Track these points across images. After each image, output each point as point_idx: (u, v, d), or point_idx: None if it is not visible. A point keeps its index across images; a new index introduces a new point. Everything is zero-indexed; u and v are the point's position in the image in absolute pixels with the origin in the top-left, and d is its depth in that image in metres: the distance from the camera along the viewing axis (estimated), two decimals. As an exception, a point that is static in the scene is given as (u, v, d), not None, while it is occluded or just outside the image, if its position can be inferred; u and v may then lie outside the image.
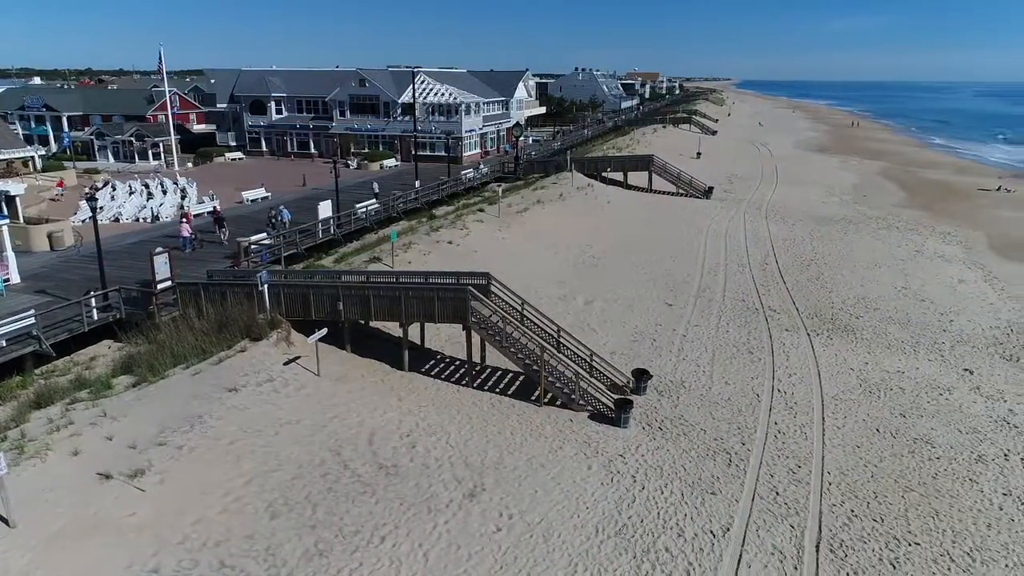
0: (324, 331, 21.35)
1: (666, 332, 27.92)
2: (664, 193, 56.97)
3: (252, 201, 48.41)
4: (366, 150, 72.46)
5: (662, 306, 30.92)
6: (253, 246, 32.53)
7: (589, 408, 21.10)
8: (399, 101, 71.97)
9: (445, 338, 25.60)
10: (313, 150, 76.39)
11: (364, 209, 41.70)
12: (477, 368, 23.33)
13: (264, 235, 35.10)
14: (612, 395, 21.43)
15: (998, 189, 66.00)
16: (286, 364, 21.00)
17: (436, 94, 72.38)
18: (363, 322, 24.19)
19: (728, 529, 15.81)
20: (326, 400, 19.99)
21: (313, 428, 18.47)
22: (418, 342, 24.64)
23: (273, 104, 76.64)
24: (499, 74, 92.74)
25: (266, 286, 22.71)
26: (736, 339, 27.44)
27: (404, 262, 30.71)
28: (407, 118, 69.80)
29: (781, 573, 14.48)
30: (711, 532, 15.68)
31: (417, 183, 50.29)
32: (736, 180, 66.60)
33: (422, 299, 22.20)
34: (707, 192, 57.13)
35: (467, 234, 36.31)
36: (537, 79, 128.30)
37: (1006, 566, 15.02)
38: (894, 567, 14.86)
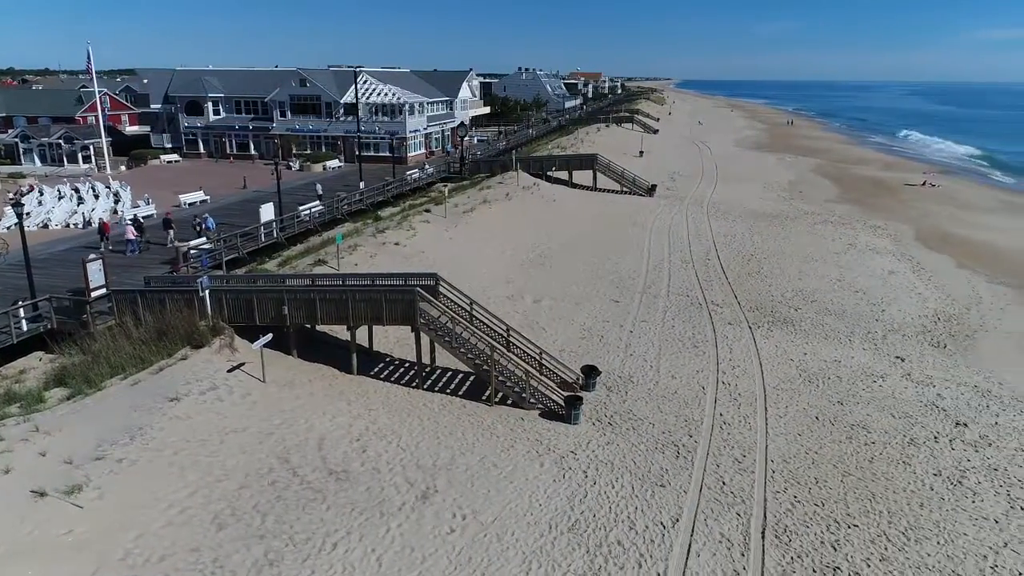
0: (269, 336, 20.92)
1: (614, 328, 28.31)
2: (609, 191, 57.72)
3: (190, 205, 47.03)
4: (308, 151, 71.23)
5: (609, 303, 31.34)
6: (192, 251, 31.63)
7: (540, 406, 21.25)
8: (342, 101, 70.97)
9: (394, 340, 25.40)
10: (253, 152, 74.67)
11: (308, 211, 41.01)
12: (427, 370, 23.23)
13: (204, 239, 34.17)
14: (562, 392, 21.65)
15: (923, 184, 69.07)
16: (230, 371, 20.50)
17: (379, 94, 71.68)
18: (309, 326, 23.79)
19: (678, 520, 16.15)
20: (273, 406, 19.60)
21: (260, 435, 18.10)
22: (366, 345, 24.36)
23: (210, 105, 74.57)
24: (443, 74, 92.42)
25: (207, 292, 22.11)
26: (681, 333, 28.02)
27: (350, 264, 30.33)
28: (350, 118, 68.90)
29: (729, 560, 14.88)
30: (661, 524, 15.99)
31: (362, 184, 49.69)
32: (678, 178, 67.94)
33: (370, 301, 21.97)
34: (650, 190, 58.12)
35: (414, 235, 36.09)
36: (481, 79, 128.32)
37: (938, 543, 15.77)
38: (835, 549, 15.43)
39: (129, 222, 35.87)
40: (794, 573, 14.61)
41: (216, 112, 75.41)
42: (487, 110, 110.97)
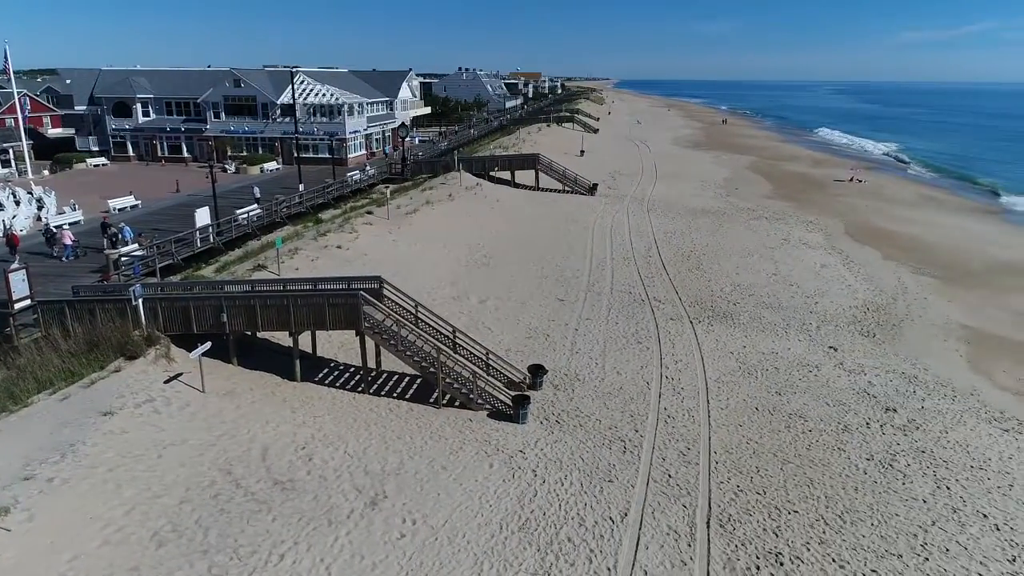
0: (207, 345, 20.33)
1: (559, 327, 28.54)
2: (551, 191, 58.15)
3: (120, 210, 45.25)
4: (245, 153, 69.53)
5: (554, 302, 31.58)
6: (123, 258, 30.46)
7: (488, 407, 21.27)
8: (278, 102, 69.49)
9: (338, 345, 25.02)
10: (186, 154, 72.41)
11: (246, 215, 40.02)
12: (373, 374, 22.96)
13: (135, 246, 32.95)
14: (510, 392, 21.71)
15: (850, 180, 71.93)
16: (167, 382, 19.84)
17: (317, 95, 70.45)
18: (250, 333, 23.22)
19: (626, 514, 16.41)
20: (213, 417, 19.06)
21: (200, 448, 17.57)
22: (310, 351, 23.91)
23: (139, 106, 71.96)
24: (382, 74, 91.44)
25: (140, 300, 21.33)
26: (625, 330, 28.46)
27: (291, 269, 29.73)
28: (288, 119, 67.50)
29: (676, 551, 15.21)
30: (610, 518, 16.22)
31: (301, 186, 48.78)
32: (619, 176, 68.94)
33: (312, 306, 21.58)
34: (592, 189, 58.81)
35: (356, 237, 35.62)
36: (421, 79, 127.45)
37: (872, 524, 16.47)
38: (776, 535, 15.95)
39: (56, 229, 34.46)
40: (738, 560, 15.04)
41: (146, 114, 72.82)
42: (428, 110, 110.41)
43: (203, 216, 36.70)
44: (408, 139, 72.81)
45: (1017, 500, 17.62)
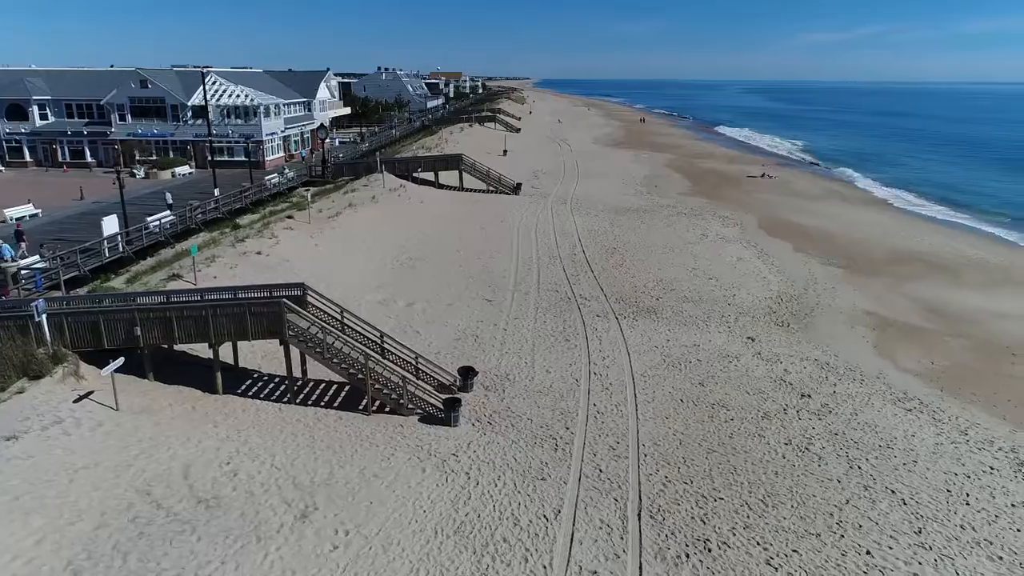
0: (120, 360, 19.38)
1: (488, 328, 28.60)
2: (476, 191, 58.19)
3: (17, 219, 42.48)
4: (154, 157, 66.42)
5: (482, 302, 31.62)
6: (23, 271, 28.65)
7: (419, 411, 21.11)
8: (189, 103, 66.81)
9: (261, 355, 24.29)
10: (90, 159, 68.66)
11: (157, 222, 38.30)
12: (299, 383, 22.39)
13: (36, 257, 31.03)
14: (440, 395, 21.61)
15: (762, 176, 75.04)
16: (76, 402, 18.79)
17: (231, 95, 68.10)
18: (166, 346, 22.24)
19: (559, 511, 16.62)
20: (129, 436, 18.18)
21: (116, 469, 16.73)
22: (231, 362, 23.12)
23: (36, 108, 67.78)
24: (299, 74, 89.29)
25: (44, 316, 20.10)
26: (553, 329, 28.79)
27: (209, 277, 28.64)
28: (199, 121, 64.99)
29: (610, 545, 15.52)
30: (544, 517, 16.40)
31: (217, 191, 47.04)
32: (542, 176, 69.63)
33: (233, 316, 20.88)
34: (516, 188, 59.17)
35: (277, 243, 34.65)
36: (340, 79, 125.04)
37: (792, 506, 17.26)
38: (704, 523, 16.50)
39: None
40: (669, 550, 15.48)
41: (43, 116, 68.65)
42: (347, 111, 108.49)
43: (111, 224, 34.88)
44: (328, 140, 71.24)
45: (921, 475, 18.83)
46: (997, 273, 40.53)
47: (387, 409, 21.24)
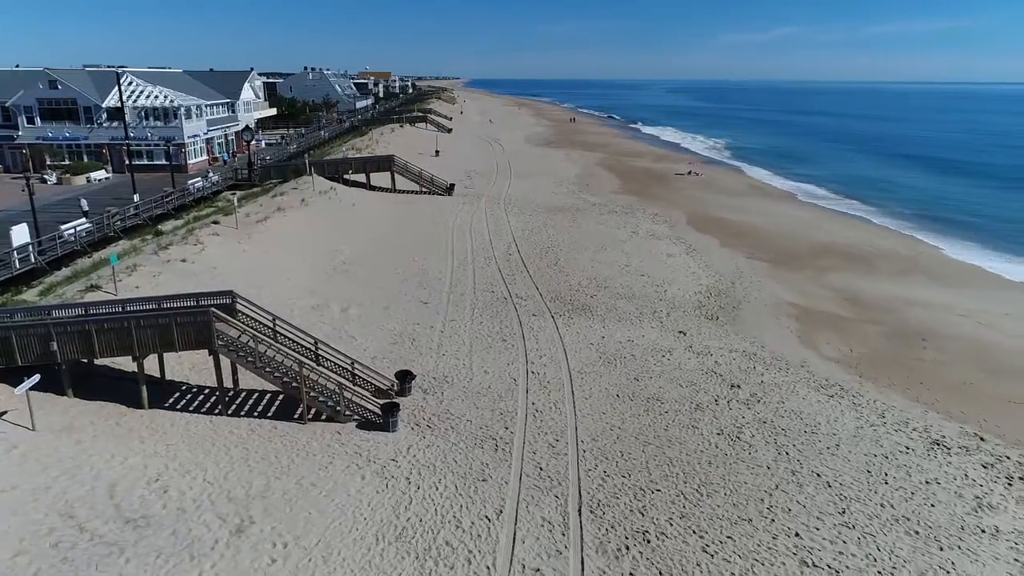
0: (36, 378, 18.40)
1: (424, 330, 28.44)
2: (408, 192, 57.71)
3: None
4: (67, 162, 63.11)
5: (418, 305, 31.42)
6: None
7: (356, 417, 20.83)
8: (104, 105, 63.78)
9: (189, 366, 23.47)
10: (-5, 164, 64.68)
11: (72, 230, 36.43)
12: (230, 394, 21.76)
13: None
14: (378, 401, 21.39)
15: (688, 173, 77.13)
16: (-12, 423, 17.73)
17: (149, 96, 65.40)
18: (86, 361, 21.23)
19: (501, 511, 16.70)
20: (48, 457, 17.29)
21: (34, 492, 15.90)
22: (157, 375, 22.25)
23: (-68, 111, 63.37)
24: (221, 74, 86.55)
25: (-51, 334, 18.89)
26: (490, 329, 28.86)
27: (130, 287, 27.43)
28: (116, 124, 62.16)
29: (552, 542, 15.70)
30: (486, 517, 16.45)
31: (136, 197, 45.13)
32: (475, 176, 69.63)
33: (158, 327, 20.09)
34: (449, 189, 58.97)
35: (202, 250, 33.48)
36: (264, 79, 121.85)
37: (725, 494, 17.85)
38: (642, 515, 16.88)
39: None
40: (610, 543, 15.77)
41: (-59, 119, 64.23)
42: (273, 112, 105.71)
43: (21, 234, 32.99)
44: (254, 142, 69.32)
45: (843, 458, 19.77)
46: (907, 263, 42.91)
47: (323, 417, 20.86)
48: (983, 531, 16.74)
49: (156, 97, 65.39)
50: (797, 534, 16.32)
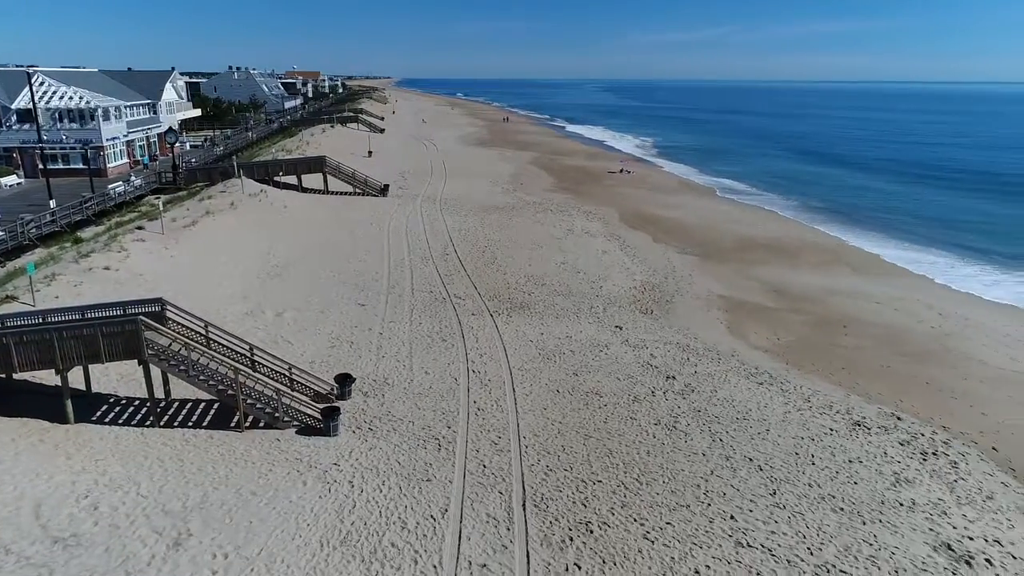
0: (-51, 396, 17.41)
1: (363, 333, 28.20)
2: (342, 194, 56.91)
3: None
4: (-27, 167, 59.64)
5: (355, 307, 31.10)
6: None
7: (296, 423, 20.52)
8: (12, 107, 60.52)
9: (117, 377, 22.61)
10: None
11: (-18, 239, 34.55)
12: (162, 404, 21.09)
13: None
14: (318, 405, 21.13)
15: (621, 171, 78.68)
16: None
17: (63, 97, 62.42)
18: (4, 376, 20.18)
19: (446, 510, 16.79)
20: (-35, 478, 16.40)
21: (-48, 516, 15.07)
22: (83, 388, 21.35)
23: None
24: (141, 74, 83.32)
25: None
26: (429, 329, 28.84)
27: (50, 297, 26.17)
28: (27, 126, 59.05)
29: (497, 537, 15.88)
30: (432, 517, 16.51)
31: (52, 202, 43.07)
32: (409, 176, 69.20)
33: (82, 338, 19.28)
34: (383, 190, 58.44)
35: (127, 256, 32.24)
36: (187, 78, 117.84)
37: (663, 482, 18.41)
38: (585, 506, 17.26)
39: None
40: (554, 535, 16.07)
41: None
42: (197, 112, 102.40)
43: (-75, 244, 31.09)
44: (178, 145, 66.94)
45: (773, 442, 20.67)
46: (828, 255, 45.01)
47: (262, 424, 20.47)
48: (901, 504, 17.82)
49: (71, 98, 62.50)
50: (732, 517, 17.00)
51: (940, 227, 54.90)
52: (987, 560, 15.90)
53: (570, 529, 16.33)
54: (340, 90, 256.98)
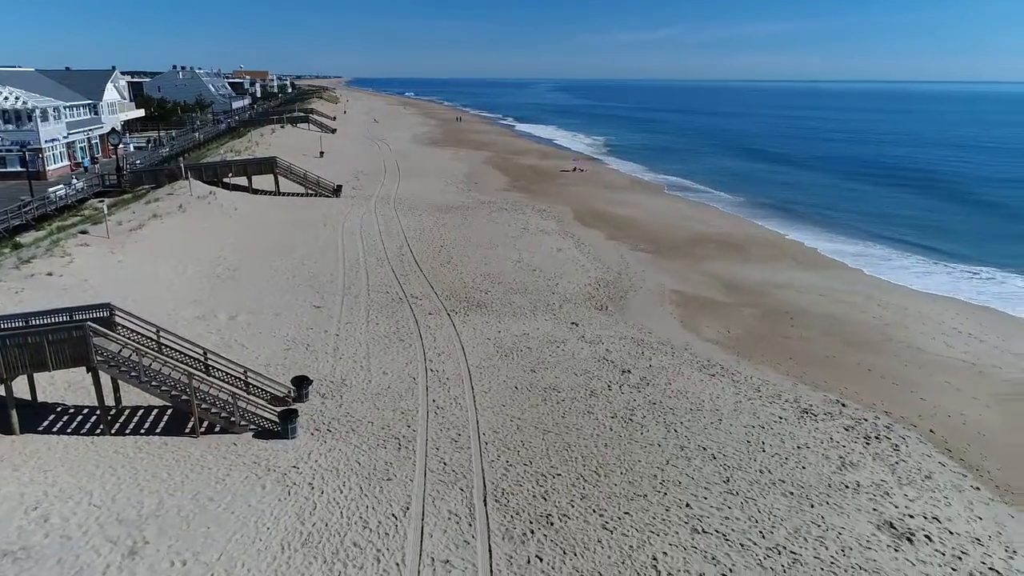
0: None
1: (319, 334, 27.98)
2: (294, 195, 56.18)
3: None
4: (-100, 170, 56.99)
5: (310, 309, 30.82)
6: None
7: (253, 427, 20.30)
8: (-58, 107, 57.97)
9: (64, 385, 22.02)
10: None
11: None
12: (113, 412, 20.62)
13: None
14: (275, 408, 20.93)
15: (574, 170, 79.47)
16: None
17: (-4, 98, 60.01)
18: (-57, 387, 19.48)
19: (408, 508, 16.87)
20: (-95, 494, 15.81)
21: None
22: (28, 397, 20.73)
23: None
24: (80, 73, 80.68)
25: None
26: (387, 330, 28.79)
27: (-11, 305, 25.35)
28: (-42, 128, 56.65)
29: (459, 533, 16.04)
30: (393, 515, 16.57)
31: (-12, 207, 41.47)
32: (363, 176, 68.64)
33: (27, 346, 18.72)
34: (336, 191, 57.89)
35: (71, 262, 31.32)
36: (129, 78, 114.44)
37: (621, 473, 18.83)
38: (545, 499, 17.54)
39: None
40: (515, 529, 16.31)
41: None
42: (141, 113, 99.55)
43: None
44: (122, 146, 65.07)
45: (726, 431, 21.31)
46: (773, 249, 46.36)
47: (217, 429, 20.19)
48: (847, 487, 18.60)
49: (6, 98, 60.20)
50: (688, 504, 17.51)
51: (875, 222, 57.04)
52: (927, 536, 16.74)
53: (531, 522, 16.59)
54: (289, 90, 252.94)
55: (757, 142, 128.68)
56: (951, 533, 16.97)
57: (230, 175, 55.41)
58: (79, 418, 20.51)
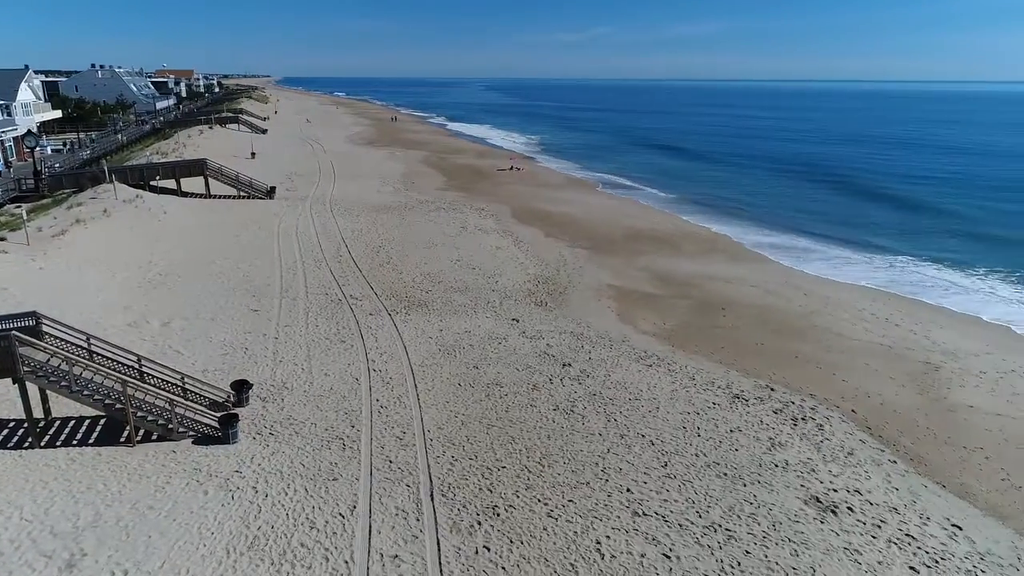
0: None
1: (257, 338, 27.57)
2: (226, 197, 54.83)
3: None
4: None
5: (248, 313, 30.29)
6: None
7: (192, 433, 19.95)
8: None
9: (-13, 399, 21.10)
10: None
11: None
12: (42, 424, 19.93)
13: None
14: (215, 414, 20.61)
15: (510, 169, 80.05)
16: None
17: None
18: None
19: (355, 507, 16.96)
20: None
21: None
22: (-52, 412, 19.83)
23: None
24: (-11, 72, 76.43)
25: None
26: (327, 331, 28.58)
27: (-100, 318, 23.98)
28: None
29: (407, 528, 16.24)
30: (340, 514, 16.63)
31: None
32: (296, 178, 67.46)
33: (-54, 358, 17.94)
34: (270, 192, 56.78)
35: (-12, 270, 29.92)
36: (43, 77, 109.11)
37: (564, 463, 19.35)
38: (491, 491, 17.90)
39: None
40: (462, 521, 16.61)
41: None
42: (58, 114, 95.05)
43: None
44: (39, 149, 62.03)
45: (663, 418, 22.12)
46: (704, 244, 47.96)
47: (154, 437, 19.76)
48: (776, 466, 19.63)
49: (-93, 99, 56.59)
50: (628, 489, 18.16)
51: (799, 216, 59.50)
52: (849, 508, 17.86)
53: (478, 514, 16.92)
54: (216, 89, 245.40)
55: (687, 140, 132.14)
56: (871, 504, 18.14)
57: (158, 178, 53.64)
58: (5, 432, 19.73)
